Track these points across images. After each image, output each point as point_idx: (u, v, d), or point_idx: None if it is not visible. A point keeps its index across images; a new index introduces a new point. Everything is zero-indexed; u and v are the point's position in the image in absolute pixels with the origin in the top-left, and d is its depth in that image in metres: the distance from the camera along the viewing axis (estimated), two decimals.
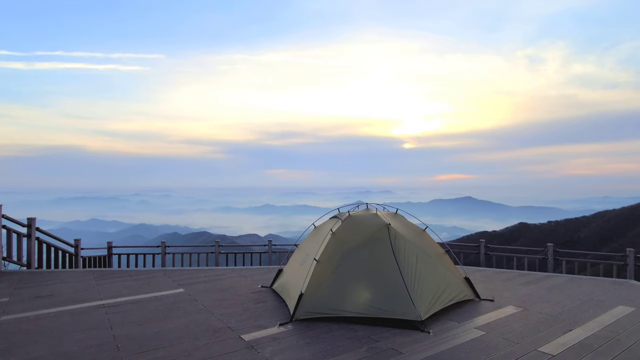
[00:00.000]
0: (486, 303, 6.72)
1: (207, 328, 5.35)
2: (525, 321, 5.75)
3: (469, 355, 4.48)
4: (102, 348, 4.61)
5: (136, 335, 5.04)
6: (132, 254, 12.15)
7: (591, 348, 4.73)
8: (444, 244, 8.45)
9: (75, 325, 5.43)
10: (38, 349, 4.60)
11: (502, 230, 63.31)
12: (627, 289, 8.02)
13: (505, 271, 10.14)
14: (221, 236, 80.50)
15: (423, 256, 6.33)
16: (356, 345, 4.74)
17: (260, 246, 13.47)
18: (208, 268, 10.54)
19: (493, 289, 7.78)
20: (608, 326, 5.55)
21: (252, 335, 5.12)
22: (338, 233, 6.40)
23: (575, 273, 10.09)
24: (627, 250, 9.67)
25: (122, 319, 5.76)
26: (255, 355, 4.45)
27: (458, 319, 5.78)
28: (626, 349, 4.72)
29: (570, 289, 7.99)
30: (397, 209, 7.39)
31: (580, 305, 6.69)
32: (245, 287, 7.97)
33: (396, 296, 5.56)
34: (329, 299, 5.71)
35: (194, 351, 4.54)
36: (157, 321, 5.64)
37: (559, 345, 4.79)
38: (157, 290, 7.54)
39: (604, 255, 11.98)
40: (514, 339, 5.02)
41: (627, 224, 52.12)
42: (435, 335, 5.09)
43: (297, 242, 7.95)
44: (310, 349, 4.62)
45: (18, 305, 6.47)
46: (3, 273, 9.02)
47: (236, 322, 5.66)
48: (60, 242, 10.93)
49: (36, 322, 5.57)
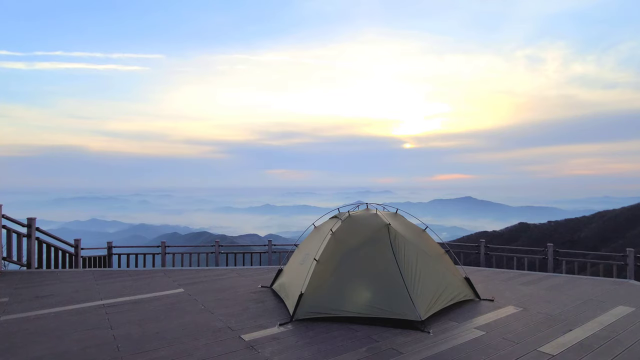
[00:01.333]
0: (486, 303, 6.72)
1: (207, 328, 5.36)
2: (526, 321, 5.75)
3: (469, 356, 4.48)
4: (102, 348, 4.61)
5: (136, 335, 5.04)
6: (132, 254, 12.15)
7: (591, 348, 4.73)
8: (444, 244, 8.45)
9: (75, 325, 5.43)
10: (38, 349, 4.60)
11: (502, 230, 63.30)
12: (627, 289, 8.02)
13: (505, 271, 10.14)
14: (221, 236, 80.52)
15: (423, 256, 6.34)
16: (356, 345, 4.74)
17: (260, 246, 13.47)
18: (208, 268, 10.55)
19: (493, 289, 7.78)
20: (608, 326, 5.55)
21: (252, 335, 5.12)
22: (338, 233, 6.41)
23: (575, 273, 10.09)
24: (627, 250, 9.67)
25: (122, 319, 5.76)
26: (256, 355, 4.45)
27: (458, 319, 5.78)
28: (626, 349, 4.72)
29: (570, 289, 7.99)
30: (397, 209, 7.39)
31: (580, 305, 6.69)
32: (245, 287, 7.97)
33: (396, 296, 5.56)
34: (329, 299, 5.72)
35: (194, 351, 4.54)
36: (157, 321, 5.64)
37: (559, 345, 4.79)
38: (157, 290, 7.54)
39: (604, 255, 11.98)
40: (514, 339, 5.02)
41: (627, 224, 52.12)
42: (435, 335, 5.09)
43: (297, 242, 7.95)
44: (310, 349, 4.62)
45: (18, 305, 6.47)
46: (3, 273, 9.02)
47: (236, 322, 5.66)
48: (60, 242, 10.93)
49: (36, 322, 5.57)
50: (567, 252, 10.76)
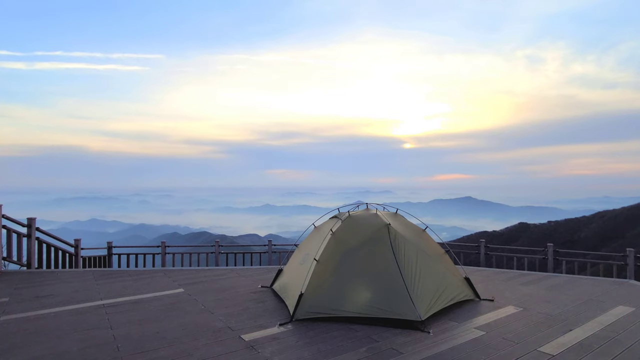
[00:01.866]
0: (486, 303, 6.73)
1: (207, 328, 5.36)
2: (525, 321, 5.75)
3: (469, 355, 4.48)
4: (102, 348, 4.62)
5: (136, 335, 5.04)
6: (132, 254, 12.16)
7: (591, 348, 4.74)
8: (443, 244, 8.46)
9: (75, 325, 5.44)
10: (38, 349, 4.60)
11: (502, 230, 63.27)
12: (627, 288, 8.02)
13: (505, 271, 10.14)
14: (221, 236, 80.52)
15: (423, 256, 6.34)
16: (356, 345, 4.75)
17: (260, 246, 13.47)
18: (208, 268, 10.55)
19: (493, 289, 7.79)
20: (608, 326, 5.56)
21: (252, 335, 5.13)
22: (338, 233, 6.41)
23: (575, 273, 10.09)
24: (627, 250, 9.67)
25: (122, 319, 5.76)
26: (256, 355, 4.46)
27: (458, 319, 5.78)
28: (626, 349, 4.72)
29: (570, 289, 7.99)
30: (397, 209, 7.39)
31: (580, 305, 6.70)
32: (245, 287, 7.98)
33: (396, 296, 5.57)
34: (329, 299, 5.72)
35: (194, 351, 4.54)
36: (157, 321, 5.64)
37: (559, 345, 4.79)
38: (157, 290, 7.54)
39: (604, 255, 11.99)
40: (514, 339, 5.02)
41: (627, 224, 52.12)
42: (435, 335, 5.10)
43: (297, 242, 7.95)
44: (310, 349, 4.62)
45: (18, 305, 6.48)
46: (3, 273, 9.03)
47: (236, 322, 5.66)
48: (60, 242, 10.93)
49: (36, 322, 5.58)
50: (567, 252, 10.76)
